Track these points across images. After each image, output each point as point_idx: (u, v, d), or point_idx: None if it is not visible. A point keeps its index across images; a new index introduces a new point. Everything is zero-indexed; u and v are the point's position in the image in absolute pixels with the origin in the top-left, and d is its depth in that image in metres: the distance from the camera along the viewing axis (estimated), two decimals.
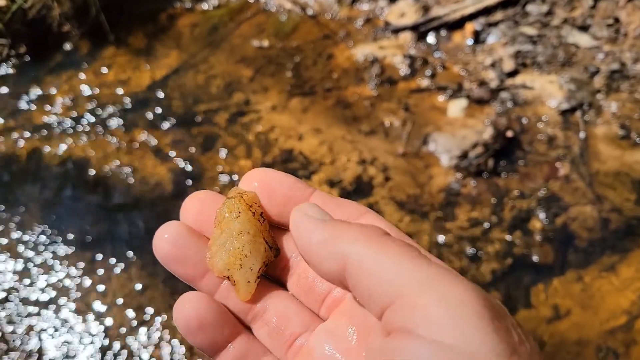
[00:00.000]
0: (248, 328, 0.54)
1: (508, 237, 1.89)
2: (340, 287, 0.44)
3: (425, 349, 0.34)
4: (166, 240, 0.51)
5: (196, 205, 0.54)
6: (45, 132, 2.19)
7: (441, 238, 1.88)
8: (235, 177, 2.03)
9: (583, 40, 2.43)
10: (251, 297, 0.52)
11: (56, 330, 1.72)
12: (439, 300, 0.35)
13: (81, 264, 1.84)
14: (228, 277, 0.52)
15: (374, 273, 0.39)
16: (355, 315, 0.48)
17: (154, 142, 2.15)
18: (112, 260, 1.85)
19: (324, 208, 0.48)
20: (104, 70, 2.42)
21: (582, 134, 2.15)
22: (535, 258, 1.84)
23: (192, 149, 2.12)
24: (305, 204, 0.48)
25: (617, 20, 2.46)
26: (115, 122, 2.22)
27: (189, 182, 2.02)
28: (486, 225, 1.91)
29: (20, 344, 1.69)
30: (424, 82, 2.33)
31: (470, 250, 1.86)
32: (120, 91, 2.33)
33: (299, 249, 0.46)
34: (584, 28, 2.47)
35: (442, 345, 0.34)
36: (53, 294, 1.79)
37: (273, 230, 0.54)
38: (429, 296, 0.36)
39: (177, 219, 0.55)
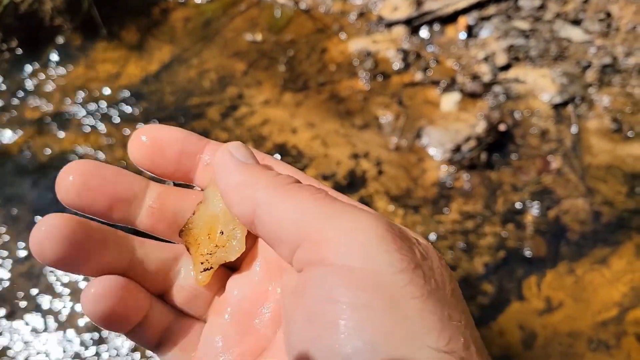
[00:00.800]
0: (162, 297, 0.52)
1: (500, 231, 1.89)
2: (252, 232, 0.45)
3: (334, 273, 0.35)
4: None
5: (76, 178, 0.48)
6: (37, 126, 2.18)
7: (434, 231, 1.89)
8: None
9: (575, 34, 2.44)
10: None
11: (49, 329, 1.72)
12: (343, 231, 0.37)
13: None
14: (187, 249, 0.50)
15: (280, 218, 0.40)
16: (265, 259, 0.48)
17: None
18: None
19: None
20: (97, 64, 2.40)
21: (574, 128, 2.16)
22: (527, 251, 1.85)
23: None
24: (234, 143, 0.48)
25: (609, 14, 2.47)
26: (107, 117, 2.21)
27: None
28: (479, 218, 1.92)
29: None
30: (417, 76, 2.33)
31: (463, 243, 1.86)
32: (112, 85, 2.32)
33: (219, 188, 0.46)
34: (576, 22, 2.48)
35: (350, 267, 0.35)
36: (46, 292, 1.78)
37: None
38: (333, 230, 0.37)
39: None
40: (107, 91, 2.30)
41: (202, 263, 0.49)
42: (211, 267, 0.49)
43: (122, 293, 0.46)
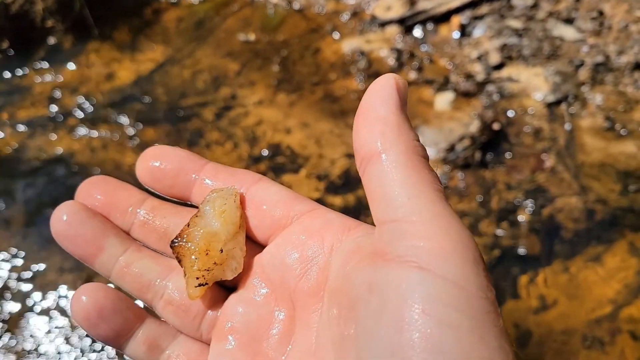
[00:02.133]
0: (151, 312, 0.53)
1: (495, 229, 1.90)
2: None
3: (429, 281, 0.36)
4: (63, 220, 0.52)
5: (92, 190, 0.54)
6: (29, 127, 2.17)
7: None
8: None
9: (568, 33, 2.45)
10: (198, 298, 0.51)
11: (44, 329, 1.71)
12: (446, 242, 0.38)
13: (67, 261, 1.82)
14: (179, 261, 0.50)
15: (390, 185, 0.40)
16: (270, 279, 0.49)
17: (140, 137, 2.13)
18: None
19: (216, 178, 0.51)
20: (89, 65, 2.39)
21: (567, 126, 2.17)
22: (522, 249, 1.85)
23: (179, 144, 2.10)
24: (383, 79, 0.47)
25: (601, 13, 2.48)
26: (100, 118, 2.20)
27: None
28: (473, 217, 1.93)
29: None
30: (411, 76, 2.33)
31: None
32: (105, 86, 2.31)
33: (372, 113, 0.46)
34: (568, 21, 2.49)
35: (446, 280, 0.36)
36: (42, 291, 1.77)
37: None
38: (437, 236, 0.38)
39: None
40: (99, 92, 2.29)
41: (197, 278, 0.49)
42: (206, 283, 0.49)
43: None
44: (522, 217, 1.93)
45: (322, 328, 0.43)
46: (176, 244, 0.50)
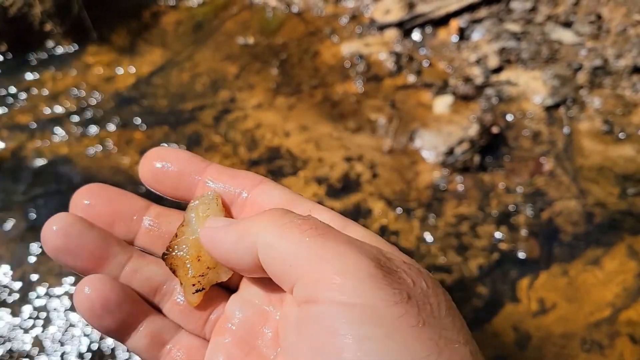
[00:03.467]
0: (158, 310, 0.54)
1: (494, 232, 1.90)
2: (257, 275, 0.48)
3: (335, 310, 0.38)
4: (56, 232, 0.51)
5: (87, 198, 0.54)
6: (27, 131, 2.16)
7: (428, 234, 1.89)
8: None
9: (566, 36, 2.46)
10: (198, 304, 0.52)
11: (40, 331, 1.71)
12: (336, 272, 0.39)
13: (66, 268, 1.82)
14: (174, 272, 0.51)
15: (277, 258, 0.43)
16: (263, 281, 0.50)
17: (138, 140, 2.13)
18: None
19: (219, 180, 0.53)
20: (87, 68, 2.39)
21: (566, 130, 2.17)
22: (521, 253, 1.86)
23: (178, 147, 2.10)
24: (208, 220, 0.50)
25: (599, 16, 2.49)
26: (99, 121, 2.19)
27: None
28: (472, 220, 1.93)
29: None
30: (410, 79, 2.34)
31: (457, 245, 1.87)
32: (103, 89, 2.31)
33: (222, 262, 0.49)
34: (567, 24, 2.50)
35: (349, 304, 0.38)
36: (40, 297, 1.77)
37: None
38: (326, 271, 0.40)
39: None
40: (98, 95, 2.28)
41: (193, 285, 0.51)
42: (203, 288, 0.51)
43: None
44: (521, 221, 1.93)
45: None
46: (167, 256, 0.51)
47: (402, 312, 0.38)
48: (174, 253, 0.51)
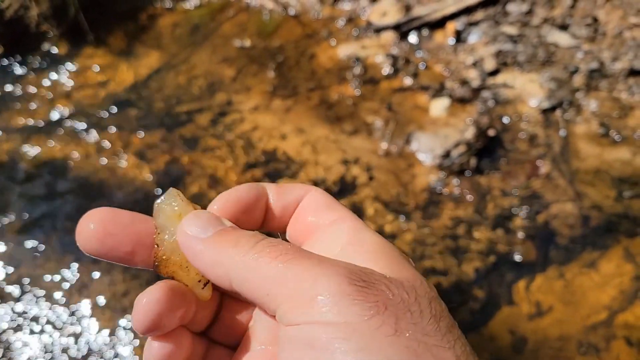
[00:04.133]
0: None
1: (491, 235, 1.90)
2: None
3: (318, 329, 0.40)
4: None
5: (105, 225, 0.52)
6: (24, 133, 2.16)
7: (424, 237, 1.89)
8: (218, 177, 2.02)
9: (563, 39, 2.46)
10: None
11: (36, 333, 1.70)
12: (311, 294, 0.41)
13: (63, 267, 1.82)
14: (173, 277, 0.51)
15: (253, 290, 0.44)
16: None
17: (135, 143, 2.13)
18: (95, 263, 1.82)
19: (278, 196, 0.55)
20: (84, 70, 2.39)
21: (562, 132, 2.17)
22: (517, 255, 1.86)
23: (174, 150, 2.10)
24: (187, 219, 0.49)
25: (595, 19, 2.49)
26: (96, 123, 2.19)
27: (171, 183, 2.01)
28: (469, 223, 1.93)
29: None
30: (407, 82, 2.34)
31: (453, 248, 1.87)
32: (100, 92, 2.31)
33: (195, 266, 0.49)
34: (563, 27, 2.50)
35: (328, 323, 0.39)
36: (36, 299, 1.76)
37: None
38: (302, 294, 0.41)
39: None
40: (94, 98, 2.28)
41: (199, 281, 0.51)
42: (208, 281, 0.51)
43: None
44: (517, 224, 1.93)
45: None
46: (160, 266, 0.51)
47: (378, 324, 0.39)
48: (165, 261, 0.51)
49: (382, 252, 0.47)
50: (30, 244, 1.87)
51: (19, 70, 2.37)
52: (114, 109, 2.24)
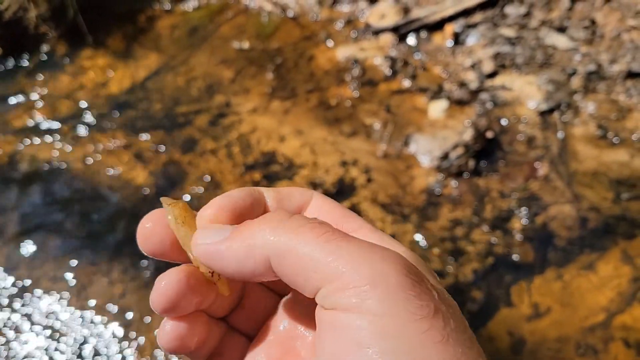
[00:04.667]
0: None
1: (489, 237, 1.90)
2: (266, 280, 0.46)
3: (360, 319, 0.38)
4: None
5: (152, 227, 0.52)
6: (23, 135, 2.16)
7: (423, 239, 1.89)
8: (216, 179, 2.02)
9: (561, 41, 2.47)
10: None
11: (34, 335, 1.70)
12: (363, 280, 0.39)
13: (61, 269, 1.81)
14: (212, 274, 0.50)
15: (297, 266, 0.41)
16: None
17: (134, 144, 2.13)
18: (92, 266, 1.82)
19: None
20: (83, 72, 2.39)
21: (560, 134, 2.18)
22: (515, 257, 1.86)
23: (173, 152, 2.10)
24: (198, 234, 0.48)
25: (593, 22, 2.50)
26: (94, 125, 2.19)
27: (170, 185, 2.01)
28: (467, 225, 1.93)
29: None
30: (405, 84, 2.34)
31: (451, 250, 1.87)
32: (99, 93, 2.31)
33: (230, 277, 0.47)
34: (561, 30, 2.51)
35: (374, 314, 0.38)
36: (34, 300, 1.76)
37: None
38: (353, 277, 0.39)
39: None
40: (93, 99, 2.28)
41: (219, 277, 0.51)
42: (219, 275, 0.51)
43: (195, 326, 0.50)
44: (515, 225, 1.93)
45: None
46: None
47: (427, 327, 0.37)
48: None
49: (417, 262, 0.45)
50: (28, 245, 1.87)
51: (17, 71, 2.37)
52: (113, 111, 2.24)
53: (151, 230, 0.51)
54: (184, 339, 0.49)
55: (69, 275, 1.80)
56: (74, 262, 1.83)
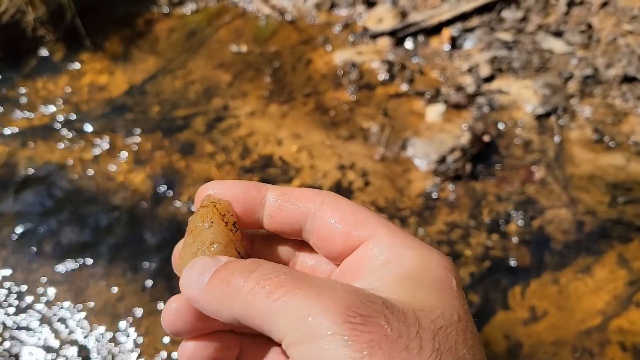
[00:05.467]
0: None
1: (486, 241, 1.91)
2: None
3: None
4: (176, 318, 0.51)
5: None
6: (19, 138, 2.16)
7: None
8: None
9: (557, 46, 2.48)
10: None
11: (32, 338, 1.70)
12: (306, 335, 0.40)
13: (58, 273, 1.81)
14: None
15: (257, 325, 0.43)
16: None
17: (132, 148, 2.13)
18: (90, 268, 1.82)
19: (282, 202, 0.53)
20: (80, 75, 2.39)
21: (557, 138, 2.18)
22: (512, 261, 1.86)
23: (171, 155, 2.10)
24: (186, 272, 0.49)
25: (589, 26, 2.51)
26: (91, 128, 2.19)
27: (168, 188, 2.01)
28: (464, 228, 1.93)
29: None
30: (402, 87, 2.35)
31: (448, 253, 1.87)
32: (96, 97, 2.31)
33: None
34: (558, 34, 2.52)
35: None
36: (31, 304, 1.76)
37: (246, 240, 0.55)
38: (299, 333, 0.40)
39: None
40: (91, 103, 2.28)
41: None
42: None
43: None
44: (512, 229, 1.94)
45: None
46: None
47: (414, 344, 0.38)
48: (180, 265, 0.52)
49: (412, 275, 0.45)
50: (25, 248, 1.87)
51: (14, 74, 2.37)
52: (111, 114, 2.24)
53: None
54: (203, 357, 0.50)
55: (66, 279, 1.80)
56: (71, 265, 1.83)
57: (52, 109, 2.25)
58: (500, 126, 2.22)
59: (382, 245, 0.48)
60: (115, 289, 1.78)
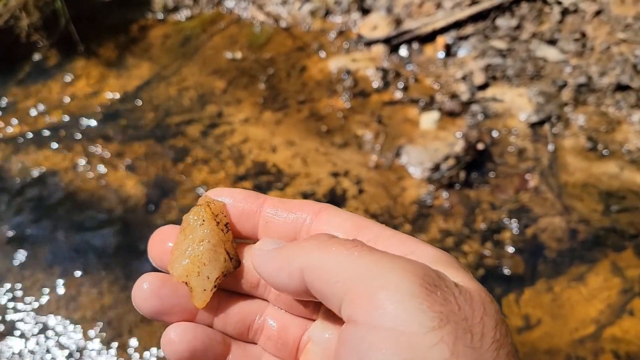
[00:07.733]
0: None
1: (479, 249, 1.91)
2: (312, 300, 0.48)
3: (368, 334, 0.38)
4: (148, 295, 0.51)
5: (162, 241, 0.54)
6: (12, 144, 2.15)
7: None
8: (208, 189, 2.02)
9: (551, 54, 2.49)
10: (206, 305, 0.52)
11: (23, 346, 1.68)
12: (375, 290, 0.39)
13: (50, 280, 1.80)
14: (186, 283, 0.52)
15: (325, 279, 0.42)
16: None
17: (125, 155, 2.12)
18: (82, 276, 1.81)
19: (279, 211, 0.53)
20: (74, 81, 2.38)
21: (550, 147, 2.19)
22: (506, 269, 1.86)
23: (165, 162, 2.10)
24: (259, 242, 0.51)
25: (583, 34, 2.52)
26: (85, 135, 2.19)
27: (161, 195, 2.00)
28: (458, 236, 1.93)
29: None
30: (397, 95, 2.35)
31: None
32: (90, 103, 2.30)
33: (269, 285, 0.49)
34: (552, 42, 2.53)
35: (382, 328, 0.37)
36: (23, 311, 1.75)
37: (238, 243, 0.55)
38: (366, 289, 0.39)
39: (149, 232, 0.55)
40: (85, 109, 2.28)
41: (204, 290, 0.52)
42: (212, 290, 0.52)
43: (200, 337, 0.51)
44: (506, 237, 1.94)
45: None
46: (179, 268, 0.52)
47: (435, 340, 0.36)
48: (171, 262, 0.53)
49: (446, 261, 0.44)
50: (18, 255, 1.86)
51: (8, 80, 2.36)
52: (104, 120, 2.24)
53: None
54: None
55: (58, 285, 1.79)
56: (64, 272, 1.82)
57: (45, 114, 2.25)
58: (495, 134, 2.23)
59: (394, 242, 0.47)
60: (107, 297, 1.77)
